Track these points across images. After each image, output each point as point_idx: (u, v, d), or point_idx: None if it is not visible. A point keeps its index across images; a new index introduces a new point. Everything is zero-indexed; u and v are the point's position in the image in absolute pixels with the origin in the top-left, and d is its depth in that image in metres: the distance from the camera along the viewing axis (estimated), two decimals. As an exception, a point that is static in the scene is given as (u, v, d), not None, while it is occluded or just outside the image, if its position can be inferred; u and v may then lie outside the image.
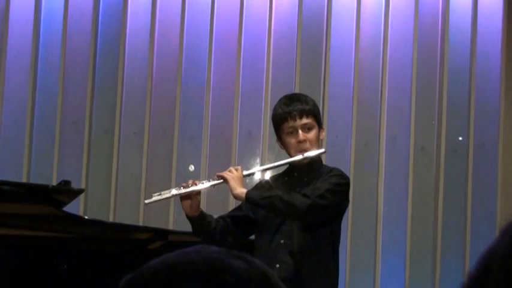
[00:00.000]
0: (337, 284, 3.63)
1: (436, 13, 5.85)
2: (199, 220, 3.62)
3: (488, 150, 5.80)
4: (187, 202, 3.59)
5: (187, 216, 3.64)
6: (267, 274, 1.08)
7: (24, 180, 5.60)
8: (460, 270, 5.68)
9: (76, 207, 5.28)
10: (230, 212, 3.87)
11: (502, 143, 5.80)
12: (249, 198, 3.51)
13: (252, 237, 3.77)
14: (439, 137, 5.78)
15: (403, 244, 5.68)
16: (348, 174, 3.75)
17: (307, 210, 3.44)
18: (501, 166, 5.79)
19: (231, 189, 3.55)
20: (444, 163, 5.75)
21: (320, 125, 3.68)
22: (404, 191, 5.73)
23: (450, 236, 5.72)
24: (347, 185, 3.62)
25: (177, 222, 5.59)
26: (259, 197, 3.52)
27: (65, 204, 3.94)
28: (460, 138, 5.81)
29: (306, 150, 3.60)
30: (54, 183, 5.37)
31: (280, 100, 3.74)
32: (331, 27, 5.79)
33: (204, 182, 3.63)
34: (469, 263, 5.66)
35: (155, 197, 3.62)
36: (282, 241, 3.59)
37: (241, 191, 3.52)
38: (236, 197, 3.56)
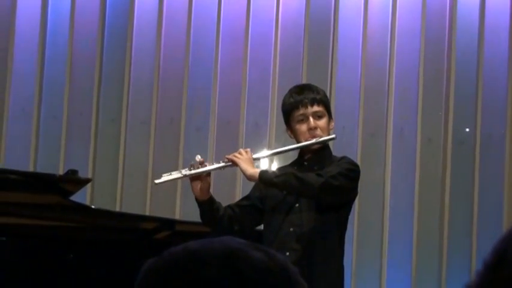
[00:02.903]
0: (343, 269, 3.66)
1: (443, 3, 5.83)
2: (208, 205, 3.61)
3: (495, 142, 5.79)
4: (197, 184, 3.58)
5: (196, 200, 3.64)
6: (288, 269, 1.08)
7: (31, 169, 5.61)
8: (466, 261, 5.67)
9: (83, 196, 5.29)
10: (238, 201, 3.87)
11: (509, 134, 5.78)
12: (262, 178, 3.49)
13: (260, 227, 3.77)
14: (446, 128, 5.76)
15: (410, 235, 5.68)
16: (355, 165, 3.75)
17: (321, 187, 3.44)
18: (508, 158, 5.77)
19: (243, 171, 3.53)
20: (451, 154, 5.74)
21: (330, 115, 3.69)
22: (411, 182, 5.72)
23: (457, 227, 5.71)
24: (358, 172, 3.61)
25: (183, 212, 5.60)
26: (273, 176, 3.51)
27: (72, 193, 3.96)
28: (467, 130, 5.80)
29: (317, 137, 3.61)
30: (61, 172, 5.37)
31: (290, 90, 3.75)
32: (339, 18, 5.77)
33: (214, 164, 3.63)
34: (475, 253, 5.65)
35: (165, 177, 3.60)
36: (291, 229, 3.60)
37: (255, 171, 3.51)
38: (250, 178, 3.53)
